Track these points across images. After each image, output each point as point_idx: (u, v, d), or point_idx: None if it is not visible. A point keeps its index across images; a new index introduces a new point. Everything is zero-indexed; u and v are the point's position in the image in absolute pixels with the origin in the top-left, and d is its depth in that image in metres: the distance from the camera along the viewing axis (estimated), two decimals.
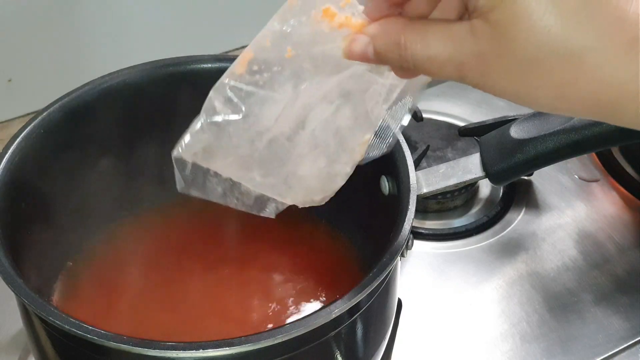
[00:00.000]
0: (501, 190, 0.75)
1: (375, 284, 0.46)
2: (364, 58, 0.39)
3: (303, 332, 0.44)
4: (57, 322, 0.44)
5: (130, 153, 0.61)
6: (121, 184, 0.62)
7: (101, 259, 0.60)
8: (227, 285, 0.59)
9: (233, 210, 0.64)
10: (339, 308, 0.45)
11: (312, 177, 0.44)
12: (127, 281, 0.59)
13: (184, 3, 0.85)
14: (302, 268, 0.60)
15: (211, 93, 0.41)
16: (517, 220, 0.73)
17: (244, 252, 0.61)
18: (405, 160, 0.53)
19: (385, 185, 0.55)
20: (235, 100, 0.41)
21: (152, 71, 0.60)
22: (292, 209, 0.63)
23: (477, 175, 0.61)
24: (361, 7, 0.40)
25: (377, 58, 0.39)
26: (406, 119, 0.44)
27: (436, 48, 0.37)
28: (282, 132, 0.42)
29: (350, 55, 0.39)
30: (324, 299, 0.58)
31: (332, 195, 0.45)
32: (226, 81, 0.41)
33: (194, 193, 0.44)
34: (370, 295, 0.48)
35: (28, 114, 0.81)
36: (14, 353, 0.62)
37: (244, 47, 0.41)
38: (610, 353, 0.64)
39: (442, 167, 0.61)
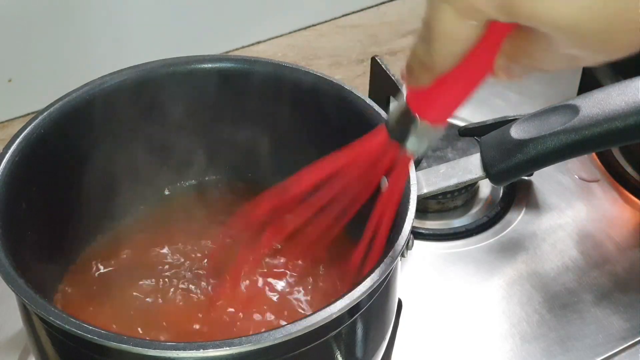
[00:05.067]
0: (501, 191, 0.76)
1: (376, 284, 0.46)
2: None
3: (303, 332, 0.44)
4: (57, 322, 0.44)
5: (130, 152, 0.61)
6: (122, 183, 0.62)
7: (102, 258, 0.60)
8: (226, 284, 0.59)
9: (231, 210, 0.64)
10: (339, 308, 0.45)
11: None
12: (129, 280, 0.59)
13: (184, 3, 0.85)
14: (302, 268, 0.60)
15: None
16: (517, 221, 0.73)
17: (242, 251, 0.61)
18: None
19: (386, 185, 0.55)
20: None
21: (152, 71, 0.60)
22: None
23: (478, 176, 0.61)
24: None
25: None
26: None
27: None
28: None
29: None
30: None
31: None
32: None
33: None
34: (370, 295, 0.48)
35: (28, 114, 0.81)
36: (14, 353, 0.62)
37: (244, 47, 0.41)
38: (610, 353, 0.64)
39: (443, 167, 0.61)
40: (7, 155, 0.53)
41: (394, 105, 0.46)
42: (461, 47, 0.38)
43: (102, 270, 0.60)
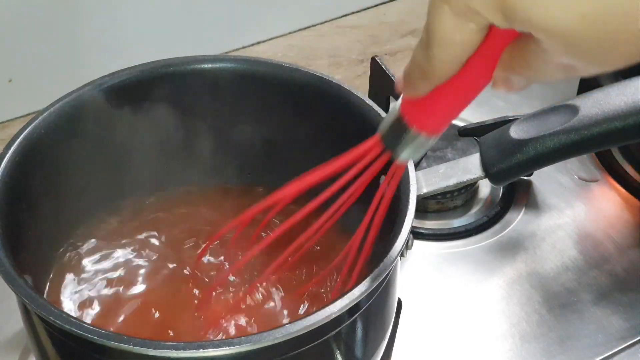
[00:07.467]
0: (501, 190, 0.76)
1: (375, 284, 0.47)
2: None
3: (303, 332, 0.44)
4: (58, 321, 0.44)
5: (130, 153, 0.61)
6: (122, 183, 0.62)
7: (103, 257, 0.61)
8: (226, 283, 0.59)
9: (232, 205, 0.64)
10: (339, 308, 0.45)
11: None
12: (130, 279, 0.59)
13: (184, 3, 0.86)
14: (302, 267, 0.60)
15: None
16: (517, 220, 0.73)
17: (241, 249, 0.61)
18: None
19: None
20: None
21: (152, 71, 0.60)
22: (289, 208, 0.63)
23: (477, 176, 0.61)
24: None
25: None
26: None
27: None
28: None
29: None
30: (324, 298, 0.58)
31: None
32: None
33: None
34: (370, 295, 0.48)
35: (28, 114, 0.81)
36: (14, 353, 0.62)
37: (244, 47, 0.41)
38: (609, 353, 0.64)
39: (442, 167, 0.61)
40: (7, 155, 0.53)
41: (387, 114, 0.45)
42: (460, 53, 0.38)
43: (103, 268, 0.60)
